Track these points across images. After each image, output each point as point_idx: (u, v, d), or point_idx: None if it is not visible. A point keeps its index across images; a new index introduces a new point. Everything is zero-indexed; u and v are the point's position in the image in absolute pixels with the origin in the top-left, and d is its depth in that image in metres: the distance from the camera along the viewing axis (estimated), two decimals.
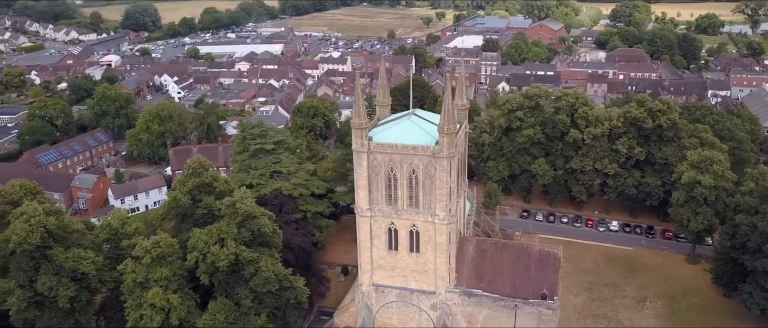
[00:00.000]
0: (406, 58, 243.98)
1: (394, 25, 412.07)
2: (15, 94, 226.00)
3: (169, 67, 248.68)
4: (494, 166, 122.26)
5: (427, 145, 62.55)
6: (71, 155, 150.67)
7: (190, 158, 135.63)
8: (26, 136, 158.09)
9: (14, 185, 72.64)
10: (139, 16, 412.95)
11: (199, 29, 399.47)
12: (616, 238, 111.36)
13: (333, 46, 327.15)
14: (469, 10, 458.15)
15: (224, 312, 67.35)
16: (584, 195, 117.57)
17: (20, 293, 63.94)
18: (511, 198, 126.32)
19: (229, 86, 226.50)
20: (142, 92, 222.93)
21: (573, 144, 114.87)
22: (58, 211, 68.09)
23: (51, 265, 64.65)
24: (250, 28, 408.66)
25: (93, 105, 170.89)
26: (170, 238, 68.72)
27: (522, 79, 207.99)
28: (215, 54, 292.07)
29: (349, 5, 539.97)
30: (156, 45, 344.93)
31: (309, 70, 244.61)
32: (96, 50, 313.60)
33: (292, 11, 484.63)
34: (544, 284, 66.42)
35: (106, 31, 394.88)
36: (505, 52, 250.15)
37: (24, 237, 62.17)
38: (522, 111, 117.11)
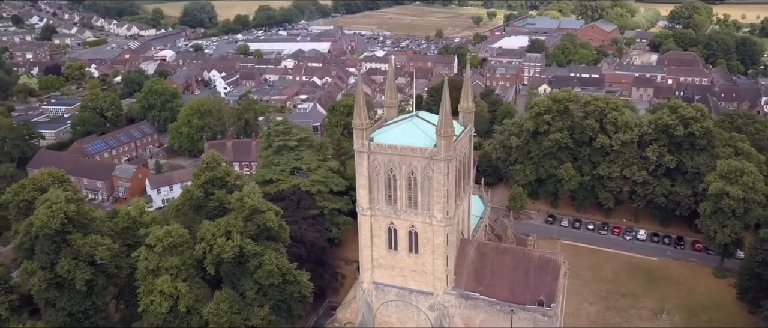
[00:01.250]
0: (449, 58, 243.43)
1: (444, 25, 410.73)
2: (75, 86, 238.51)
3: (217, 63, 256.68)
4: (521, 169, 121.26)
5: (426, 148, 63.18)
6: (117, 146, 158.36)
7: (225, 152, 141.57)
8: (78, 126, 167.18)
9: (43, 173, 77.62)
10: (197, 13, 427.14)
11: (253, 26, 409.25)
12: (643, 247, 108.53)
13: (380, 45, 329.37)
14: (520, 11, 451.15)
15: (228, 302, 69.95)
16: (611, 202, 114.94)
17: (41, 275, 68.40)
18: (538, 203, 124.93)
19: (273, 83, 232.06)
20: (190, 87, 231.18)
21: (601, 150, 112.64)
22: (79, 199, 72.19)
23: (70, 249, 68.88)
24: (302, 26, 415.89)
25: (141, 98, 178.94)
26: (182, 228, 71.81)
27: (565, 82, 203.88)
28: (264, 51, 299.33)
29: (402, 4, 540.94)
30: (210, 41, 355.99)
31: (352, 69, 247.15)
32: (153, 45, 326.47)
33: (343, 9, 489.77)
34: (543, 290, 65.89)
35: (164, 27, 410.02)
36: (550, 53, 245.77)
37: (45, 222, 66.57)
38: (550, 115, 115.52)
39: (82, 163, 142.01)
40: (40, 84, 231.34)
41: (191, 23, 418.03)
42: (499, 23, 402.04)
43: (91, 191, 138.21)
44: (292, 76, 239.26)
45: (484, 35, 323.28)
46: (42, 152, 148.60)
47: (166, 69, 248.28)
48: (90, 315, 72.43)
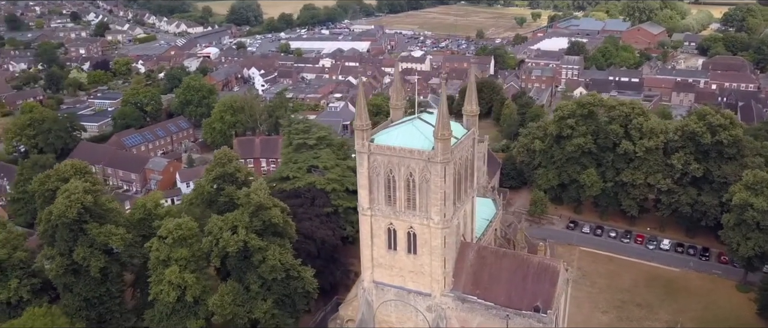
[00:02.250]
0: (486, 59, 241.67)
1: (487, 25, 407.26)
2: (121, 81, 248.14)
3: (257, 61, 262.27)
4: (544, 174, 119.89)
5: (423, 150, 63.58)
6: (153, 139, 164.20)
7: (253, 148, 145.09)
8: (118, 120, 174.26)
9: (67, 164, 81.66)
10: (243, 12, 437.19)
11: (297, 25, 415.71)
12: (665, 257, 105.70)
13: (419, 45, 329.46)
14: (565, 12, 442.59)
15: (232, 294, 72.20)
16: (635, 210, 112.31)
17: (59, 261, 72.15)
18: (561, 208, 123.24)
19: (310, 81, 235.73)
20: (230, 83, 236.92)
21: (624, 156, 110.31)
22: (96, 190, 75.57)
23: (86, 238, 72.36)
24: (344, 25, 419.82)
25: (179, 94, 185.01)
26: (192, 221, 74.42)
27: (602, 85, 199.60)
28: (304, 49, 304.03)
29: (446, 3, 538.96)
30: (254, 39, 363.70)
31: (388, 69, 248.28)
32: (199, 43, 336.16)
33: (387, 9, 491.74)
34: (540, 296, 65.36)
35: (211, 25, 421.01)
36: (591, 55, 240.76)
37: (63, 211, 70.20)
38: (574, 119, 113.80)
39: (119, 155, 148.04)
40: (88, 78, 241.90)
41: (237, 21, 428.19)
42: (543, 24, 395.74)
43: (125, 182, 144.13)
44: (329, 74, 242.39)
45: (524, 36, 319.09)
46: (83, 144, 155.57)
47: (207, 66, 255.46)
48: (104, 301, 75.91)
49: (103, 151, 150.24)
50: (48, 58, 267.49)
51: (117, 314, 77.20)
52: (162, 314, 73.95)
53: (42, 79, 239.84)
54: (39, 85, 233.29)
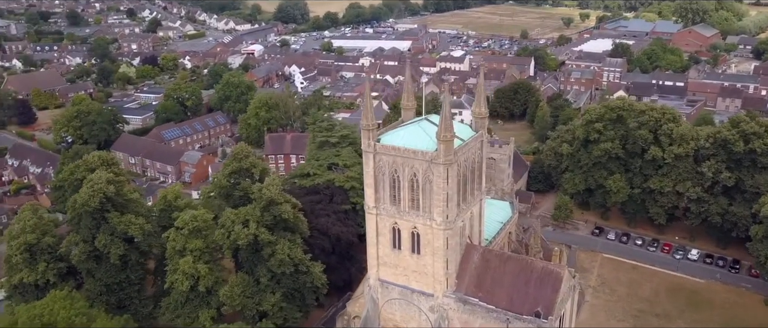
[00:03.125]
0: (525, 60, 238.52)
1: (534, 25, 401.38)
2: (168, 76, 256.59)
3: (298, 59, 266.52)
4: (570, 178, 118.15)
5: (427, 151, 63.89)
6: (191, 133, 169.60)
7: (283, 145, 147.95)
8: (160, 113, 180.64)
9: (94, 155, 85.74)
10: (290, 10, 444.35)
11: (342, 24, 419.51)
12: (692, 268, 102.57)
13: (461, 45, 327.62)
14: (615, 12, 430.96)
15: (242, 286, 74.47)
16: (663, 218, 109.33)
17: (83, 247, 75.95)
18: (587, 213, 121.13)
19: (349, 80, 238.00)
20: (270, 80, 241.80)
21: (653, 162, 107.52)
22: (120, 181, 79.06)
23: (108, 226, 75.94)
24: (388, 24, 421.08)
25: (219, 90, 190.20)
26: (207, 214, 77.18)
27: (644, 89, 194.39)
28: (346, 48, 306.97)
29: (493, 3, 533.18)
30: (298, 37, 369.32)
31: (427, 68, 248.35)
32: (245, 40, 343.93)
33: (433, 8, 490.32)
34: (541, 302, 64.76)
35: (259, 23, 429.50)
36: (635, 58, 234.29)
37: (86, 200, 73.96)
38: (602, 123, 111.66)
39: (157, 147, 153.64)
40: (137, 73, 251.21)
41: (284, 19, 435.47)
42: (591, 25, 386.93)
43: (162, 173, 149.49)
44: (367, 73, 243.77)
45: (569, 37, 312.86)
46: (124, 136, 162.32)
47: (250, 63, 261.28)
48: (124, 287, 79.45)
49: (142, 143, 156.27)
50: (101, 53, 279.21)
51: (136, 300, 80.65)
52: (177, 303, 77.01)
53: (94, 73, 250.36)
54: (91, 79, 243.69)
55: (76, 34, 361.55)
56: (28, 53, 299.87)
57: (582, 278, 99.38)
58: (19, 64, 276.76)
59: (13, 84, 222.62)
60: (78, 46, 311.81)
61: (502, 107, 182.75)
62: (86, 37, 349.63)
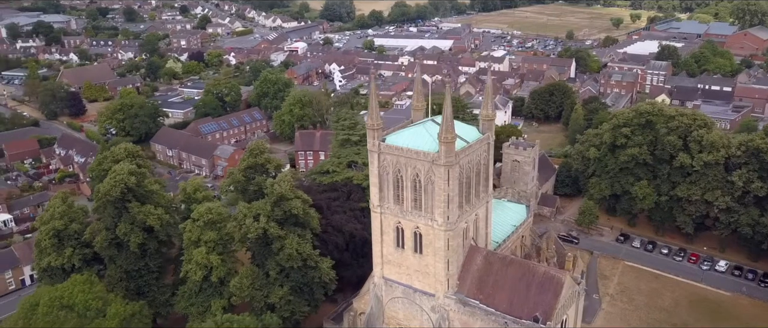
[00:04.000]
0: (566, 61, 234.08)
1: (582, 25, 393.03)
2: (212, 72, 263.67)
3: (339, 57, 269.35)
4: (597, 183, 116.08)
5: (429, 152, 64.30)
6: (228, 128, 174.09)
7: (313, 141, 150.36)
8: (199, 108, 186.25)
9: (120, 147, 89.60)
10: (337, 8, 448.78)
11: (386, 22, 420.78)
12: (718, 279, 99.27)
13: (505, 45, 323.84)
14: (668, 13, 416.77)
15: (251, 278, 76.67)
16: (690, 227, 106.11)
17: (105, 234, 79.67)
18: (614, 219, 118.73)
19: (386, 78, 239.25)
20: (310, 78, 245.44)
21: (681, 169, 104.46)
22: (141, 173, 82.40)
23: (128, 215, 79.39)
24: (433, 23, 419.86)
25: (257, 86, 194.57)
26: (221, 207, 79.79)
27: (687, 93, 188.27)
28: (387, 47, 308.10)
29: (542, 3, 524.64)
30: (342, 35, 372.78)
31: (466, 68, 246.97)
32: (290, 37, 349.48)
33: (479, 7, 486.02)
34: (541, 306, 64.25)
35: (305, 21, 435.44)
36: (681, 61, 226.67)
37: (108, 190, 77.62)
38: (630, 128, 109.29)
39: (193, 141, 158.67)
40: (183, 69, 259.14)
41: (330, 17, 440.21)
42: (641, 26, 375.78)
43: (197, 166, 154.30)
44: (405, 72, 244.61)
45: (615, 38, 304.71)
46: (164, 129, 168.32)
47: (291, 60, 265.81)
48: (143, 274, 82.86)
49: (179, 137, 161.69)
50: (150, 49, 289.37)
51: (154, 288, 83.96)
52: (191, 292, 79.92)
53: (143, 68, 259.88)
54: (139, 74, 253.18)
55: (131, 30, 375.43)
56: (85, 48, 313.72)
57: (601, 285, 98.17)
58: (76, 58, 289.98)
59: (67, 77, 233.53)
60: (131, 42, 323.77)
61: (538, 109, 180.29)
62: (140, 33, 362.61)
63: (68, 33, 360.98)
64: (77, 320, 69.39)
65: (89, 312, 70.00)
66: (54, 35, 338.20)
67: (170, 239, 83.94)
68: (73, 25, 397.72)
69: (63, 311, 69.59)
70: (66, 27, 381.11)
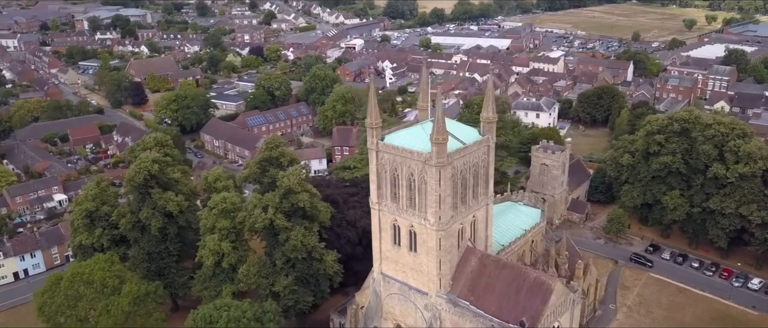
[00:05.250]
0: (624, 64, 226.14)
1: (653, 26, 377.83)
2: (270, 66, 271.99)
3: (392, 54, 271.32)
4: (629, 190, 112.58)
5: (422, 152, 65.05)
6: (274, 121, 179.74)
7: (349, 137, 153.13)
8: (250, 101, 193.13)
9: (150, 136, 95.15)
10: (399, 5, 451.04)
11: (448, 20, 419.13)
12: (749, 298, 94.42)
13: (566, 45, 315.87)
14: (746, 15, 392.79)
15: (257, 266, 79.85)
16: (723, 241, 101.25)
17: (129, 217, 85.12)
18: (646, 229, 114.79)
19: (437, 77, 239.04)
20: (362, 75, 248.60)
21: (715, 180, 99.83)
22: (165, 161, 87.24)
23: (151, 201, 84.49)
24: (494, 22, 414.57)
25: (306, 82, 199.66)
26: (235, 196, 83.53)
27: (750, 101, 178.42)
28: (444, 45, 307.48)
29: (613, 2, 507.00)
30: (402, 32, 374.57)
31: (519, 68, 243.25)
32: (349, 34, 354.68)
33: (545, 6, 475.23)
34: (528, 311, 63.76)
35: (367, 18, 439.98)
36: (750, 66, 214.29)
37: (132, 176, 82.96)
38: (663, 135, 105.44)
39: (238, 133, 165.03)
40: (242, 62, 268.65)
41: (393, 14, 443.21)
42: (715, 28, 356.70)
43: (241, 157, 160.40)
44: (457, 71, 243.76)
45: (682, 41, 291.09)
46: (213, 121, 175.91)
47: (345, 57, 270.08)
48: (164, 257, 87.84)
49: (226, 128, 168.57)
50: (214, 43, 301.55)
51: (173, 270, 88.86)
52: (205, 276, 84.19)
53: (205, 61, 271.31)
54: (201, 66, 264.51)
55: (200, 24, 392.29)
56: (156, 40, 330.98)
57: (620, 296, 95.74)
58: (146, 50, 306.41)
59: (134, 68, 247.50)
60: (198, 36, 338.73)
61: (584, 113, 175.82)
62: (208, 27, 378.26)
63: (143, 26, 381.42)
64: (94, 295, 74.73)
65: (106, 289, 75.13)
66: (129, 28, 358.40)
67: (190, 225, 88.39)
68: (149, 19, 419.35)
69: (83, 286, 75.09)
70: (142, 20, 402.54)
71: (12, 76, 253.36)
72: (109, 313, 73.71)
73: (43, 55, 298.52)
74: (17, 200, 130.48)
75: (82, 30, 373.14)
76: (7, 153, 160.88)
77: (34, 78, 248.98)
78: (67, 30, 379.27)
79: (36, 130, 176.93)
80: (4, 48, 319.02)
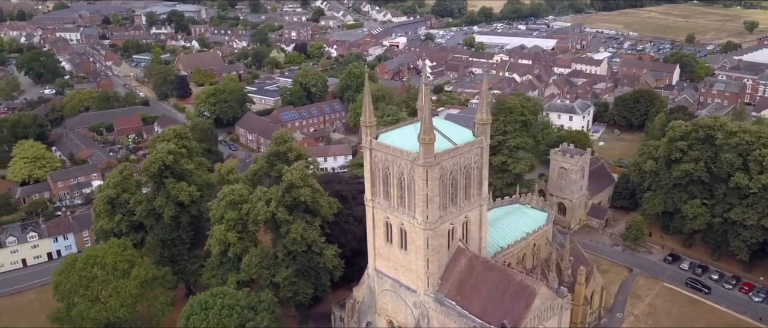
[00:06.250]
0: (669, 67, 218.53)
1: (711, 28, 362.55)
2: (312, 63, 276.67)
3: (433, 53, 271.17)
4: (650, 198, 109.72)
5: (411, 151, 65.84)
6: (308, 117, 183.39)
7: None
8: (285, 97, 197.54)
9: (170, 129, 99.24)
10: (448, 4, 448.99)
11: (497, 19, 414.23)
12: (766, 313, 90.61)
13: (615, 46, 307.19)
14: None
15: (259, 257, 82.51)
16: (745, 254, 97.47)
17: (145, 205, 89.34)
18: (668, 238, 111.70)
19: (476, 76, 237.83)
20: (400, 73, 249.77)
21: (737, 190, 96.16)
22: (180, 153, 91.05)
23: (164, 190, 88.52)
24: (543, 22, 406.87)
25: (342, 79, 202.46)
26: (243, 189, 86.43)
27: None
28: (487, 44, 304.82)
29: (674, 2, 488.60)
30: (448, 31, 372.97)
31: (561, 69, 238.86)
32: (394, 32, 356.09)
33: (600, 6, 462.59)
34: (511, 314, 63.62)
35: (414, 15, 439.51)
36: None
37: (147, 166, 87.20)
38: (686, 142, 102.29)
39: (270, 127, 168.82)
40: (285, 59, 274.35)
41: (441, 13, 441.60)
42: None
43: None
44: (496, 71, 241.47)
45: (737, 44, 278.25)
46: (248, 115, 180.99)
47: (386, 55, 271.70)
48: (177, 244, 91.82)
49: (260, 122, 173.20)
50: (261, 39, 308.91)
51: (185, 257, 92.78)
52: (213, 264, 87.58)
53: (250, 57, 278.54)
54: (245, 62, 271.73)
55: (251, 20, 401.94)
56: (207, 36, 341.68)
57: (629, 304, 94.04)
58: (197, 45, 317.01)
59: (182, 62, 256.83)
60: (247, 31, 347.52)
61: (620, 116, 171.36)
62: (258, 23, 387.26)
63: (197, 22, 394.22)
64: (106, 277, 79.16)
65: (116, 272, 79.43)
66: (183, 23, 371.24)
67: (202, 215, 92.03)
68: (203, 14, 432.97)
69: (96, 268, 79.67)
70: (196, 16, 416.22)
71: (71, 68, 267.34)
72: (118, 294, 77.91)
73: (101, 48, 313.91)
74: (59, 185, 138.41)
75: (140, 24, 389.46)
76: (57, 141, 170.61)
77: (89, 70, 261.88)
78: (126, 24, 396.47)
79: (85, 120, 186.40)
80: (67, 41, 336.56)
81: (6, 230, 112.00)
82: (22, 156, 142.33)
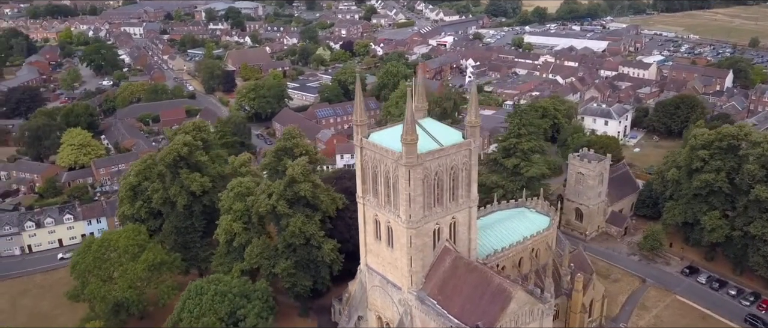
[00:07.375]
0: (721, 72, 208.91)
1: None
2: (357, 61, 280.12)
3: (477, 53, 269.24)
4: (671, 207, 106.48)
5: (395, 151, 66.97)
6: (342, 114, 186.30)
7: None
8: (323, 94, 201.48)
9: (190, 122, 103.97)
10: (502, 4, 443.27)
11: (551, 20, 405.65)
12: None
13: (671, 49, 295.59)
14: None
15: (261, 248, 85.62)
16: (764, 270, 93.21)
17: (161, 192, 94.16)
18: (689, 249, 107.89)
19: (519, 77, 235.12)
20: (443, 72, 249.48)
21: (758, 203, 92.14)
22: (196, 145, 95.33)
23: (179, 179, 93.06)
24: (599, 22, 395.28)
25: (379, 77, 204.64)
26: (250, 181, 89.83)
27: None
28: (536, 44, 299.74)
29: (744, 4, 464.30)
30: (498, 30, 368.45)
31: (607, 72, 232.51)
32: (443, 31, 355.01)
33: (662, 7, 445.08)
34: (486, 317, 63.74)
35: (467, 14, 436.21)
36: None
37: (163, 156, 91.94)
38: (709, 151, 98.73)
39: (303, 123, 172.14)
40: (331, 56, 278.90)
41: (495, 12, 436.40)
42: None
43: None
44: (540, 72, 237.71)
45: None
46: (284, 110, 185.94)
47: (431, 54, 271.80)
48: (190, 232, 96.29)
49: (293, 118, 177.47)
50: (310, 36, 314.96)
51: (197, 245, 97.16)
52: (221, 253, 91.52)
53: (297, 53, 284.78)
54: (292, 59, 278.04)
55: (305, 18, 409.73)
56: (260, 32, 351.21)
57: (635, 315, 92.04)
58: (249, 41, 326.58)
59: (231, 57, 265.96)
60: (298, 28, 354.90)
61: (660, 122, 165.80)
62: (311, 20, 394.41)
63: (253, 18, 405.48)
64: (117, 259, 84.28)
65: (127, 255, 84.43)
66: (239, 20, 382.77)
67: (214, 205, 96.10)
68: (260, 11, 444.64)
69: (109, 251, 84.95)
70: (253, 13, 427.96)
71: (129, 61, 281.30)
72: (127, 275, 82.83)
73: (160, 43, 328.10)
74: (101, 172, 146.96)
75: (199, 20, 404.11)
76: (106, 130, 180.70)
77: (146, 63, 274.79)
78: (187, 20, 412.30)
79: (134, 110, 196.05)
80: (130, 35, 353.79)
81: (45, 211, 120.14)
82: (70, 143, 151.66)
